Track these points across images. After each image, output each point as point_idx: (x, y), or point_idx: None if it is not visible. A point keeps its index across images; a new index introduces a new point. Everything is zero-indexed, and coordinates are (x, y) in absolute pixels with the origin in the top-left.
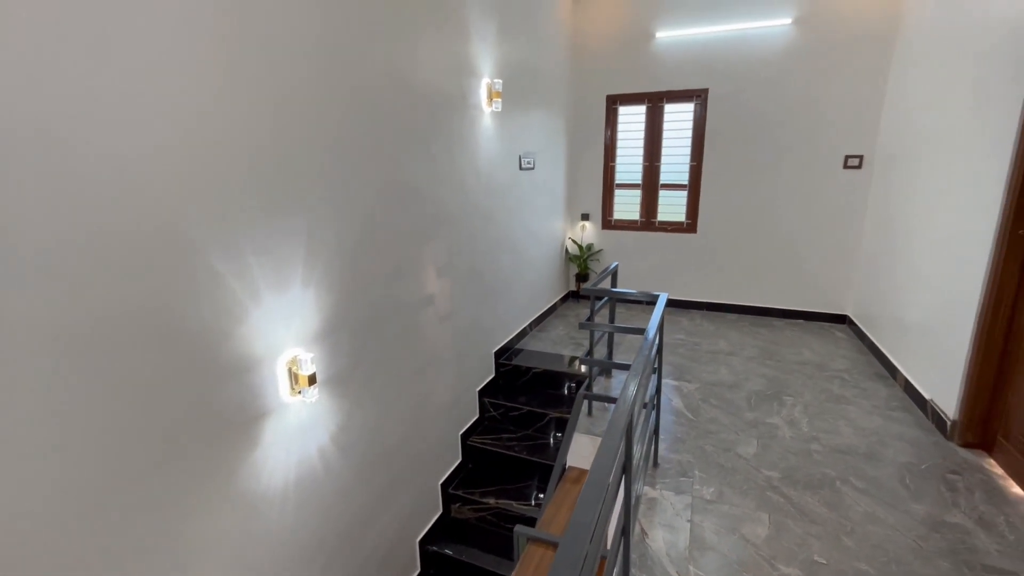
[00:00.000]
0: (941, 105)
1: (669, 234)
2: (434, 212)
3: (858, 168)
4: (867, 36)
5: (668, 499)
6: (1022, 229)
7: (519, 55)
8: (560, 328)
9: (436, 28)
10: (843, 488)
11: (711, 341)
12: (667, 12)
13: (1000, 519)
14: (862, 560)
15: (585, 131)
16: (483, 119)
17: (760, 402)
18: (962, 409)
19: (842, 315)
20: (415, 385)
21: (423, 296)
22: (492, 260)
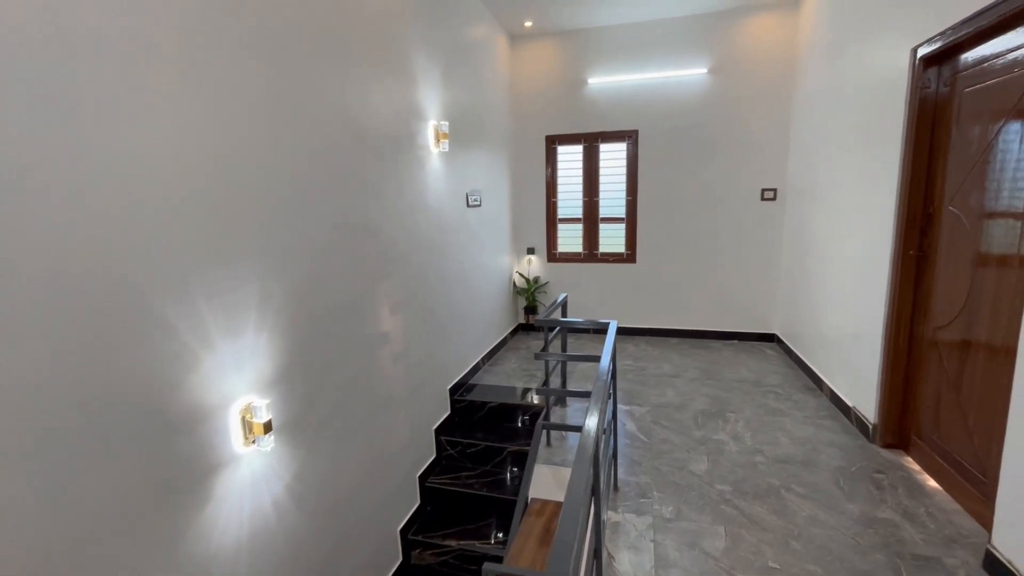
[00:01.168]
0: (836, 146)
1: (611, 265)
2: (387, 251)
3: (773, 200)
4: (770, 85)
5: (631, 521)
6: (912, 250)
7: (463, 98)
8: (512, 361)
9: (384, 74)
10: (787, 495)
11: (656, 365)
12: (597, 61)
13: (921, 511)
14: (810, 561)
15: (527, 169)
16: (431, 159)
17: (706, 420)
18: (880, 414)
19: (771, 334)
20: (371, 427)
21: (377, 335)
22: (444, 296)
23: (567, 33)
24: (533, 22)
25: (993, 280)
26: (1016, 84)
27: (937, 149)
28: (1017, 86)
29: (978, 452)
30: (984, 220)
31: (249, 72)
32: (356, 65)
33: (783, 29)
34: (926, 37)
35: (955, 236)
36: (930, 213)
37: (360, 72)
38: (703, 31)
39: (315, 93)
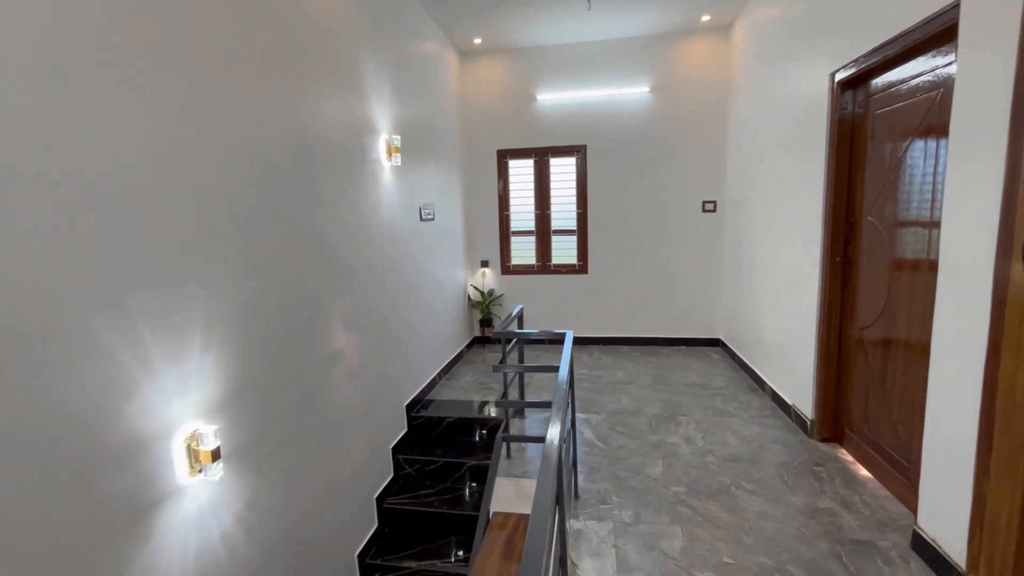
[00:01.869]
0: (768, 161)
1: (564, 276)
2: (340, 266)
3: (714, 212)
4: (708, 104)
5: (592, 528)
6: (838, 257)
7: (414, 113)
8: (469, 375)
9: (335, 89)
10: (737, 492)
11: (611, 373)
12: (545, 78)
13: (856, 499)
14: (760, 554)
15: (480, 183)
16: (384, 173)
17: (660, 424)
18: (816, 410)
19: (716, 339)
20: (327, 449)
21: (331, 353)
22: (399, 311)
23: (516, 51)
24: (482, 39)
25: (908, 283)
26: (919, 107)
27: (856, 164)
28: (920, 109)
29: (902, 441)
30: (898, 228)
31: (194, 85)
32: (306, 80)
33: (717, 52)
34: (842, 63)
35: (874, 243)
36: (852, 223)
37: (310, 87)
38: (644, 52)
39: (264, 107)
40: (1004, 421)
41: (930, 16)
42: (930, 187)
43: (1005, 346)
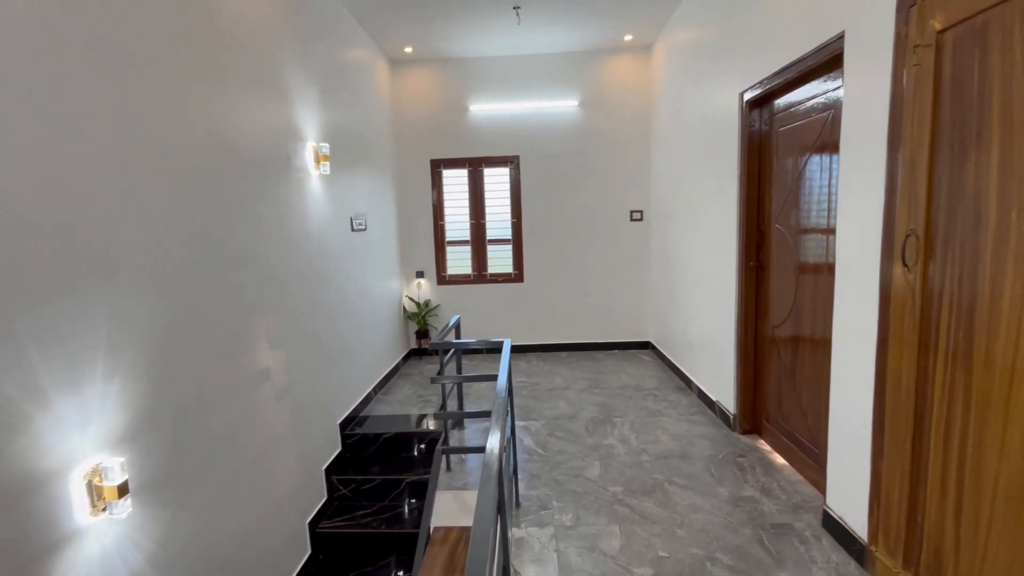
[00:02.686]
0: (688, 173)
1: (500, 285)
2: (264, 279)
3: (641, 221)
4: (633, 118)
5: (534, 535)
6: (751, 262)
7: (344, 120)
8: (406, 388)
9: (257, 93)
10: (670, 488)
11: (548, 379)
12: (478, 89)
13: (775, 485)
14: (693, 545)
15: (413, 192)
16: (311, 182)
17: (596, 427)
18: (737, 405)
19: (646, 342)
20: (252, 475)
21: (257, 372)
22: (330, 325)
23: (448, 61)
24: (413, 48)
25: (811, 284)
26: (814, 126)
27: (764, 176)
28: (815, 128)
29: (811, 429)
30: (801, 235)
31: (99, 87)
32: (225, 83)
33: (640, 70)
34: (749, 84)
35: (782, 249)
36: (762, 230)
37: (230, 90)
38: (573, 68)
39: (178, 110)
40: (892, 407)
41: (820, 45)
42: (826, 198)
43: (891, 339)
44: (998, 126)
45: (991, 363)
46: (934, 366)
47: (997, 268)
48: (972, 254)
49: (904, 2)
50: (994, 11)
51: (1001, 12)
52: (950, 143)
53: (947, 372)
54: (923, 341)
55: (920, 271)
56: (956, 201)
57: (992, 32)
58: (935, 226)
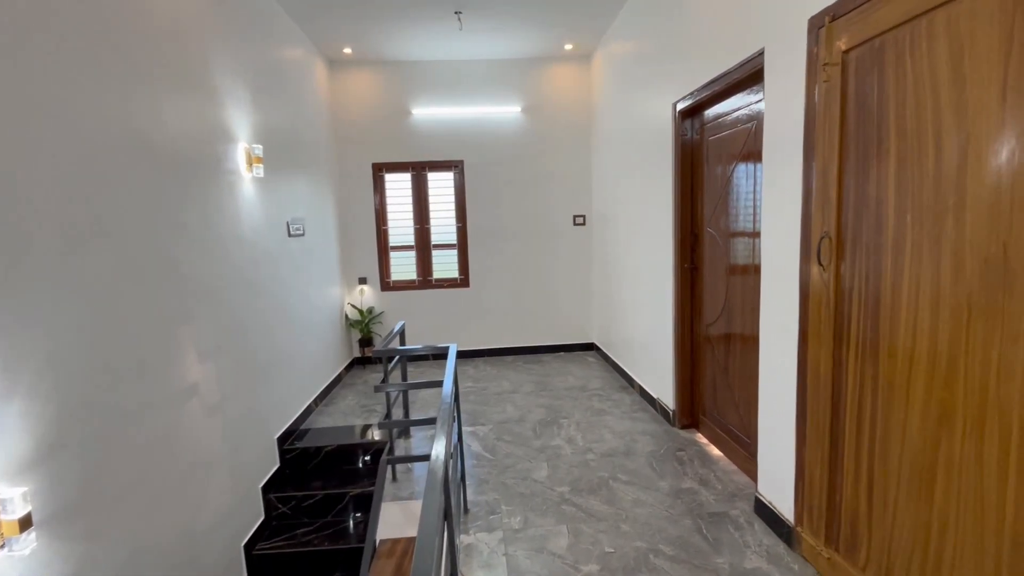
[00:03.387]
0: (627, 179)
1: (446, 290)
2: (192, 288)
3: (583, 225)
4: (573, 125)
5: (482, 540)
6: (686, 264)
7: (279, 121)
8: (349, 398)
9: (181, 91)
10: (615, 485)
11: (496, 383)
12: (421, 92)
13: (712, 476)
14: (637, 539)
15: (355, 197)
16: (243, 185)
17: (543, 429)
18: (676, 401)
19: (590, 343)
20: (180, 498)
21: (184, 387)
22: (266, 335)
23: (389, 63)
24: (352, 49)
25: (740, 284)
26: (740, 136)
27: (696, 183)
28: (741, 137)
29: (744, 421)
30: (731, 238)
31: None
32: (145, 80)
33: (580, 78)
34: (681, 95)
35: (714, 251)
36: (696, 233)
37: (150, 87)
38: (515, 74)
39: (89, 107)
40: (813, 397)
41: (743, 60)
42: (752, 203)
43: (810, 334)
44: (894, 138)
45: (894, 353)
46: (847, 357)
47: (896, 267)
48: (876, 254)
49: (814, 23)
50: (888, 35)
51: (894, 36)
52: (856, 154)
53: (858, 363)
54: (837, 335)
55: (833, 270)
56: (862, 206)
57: (887, 53)
58: (845, 229)
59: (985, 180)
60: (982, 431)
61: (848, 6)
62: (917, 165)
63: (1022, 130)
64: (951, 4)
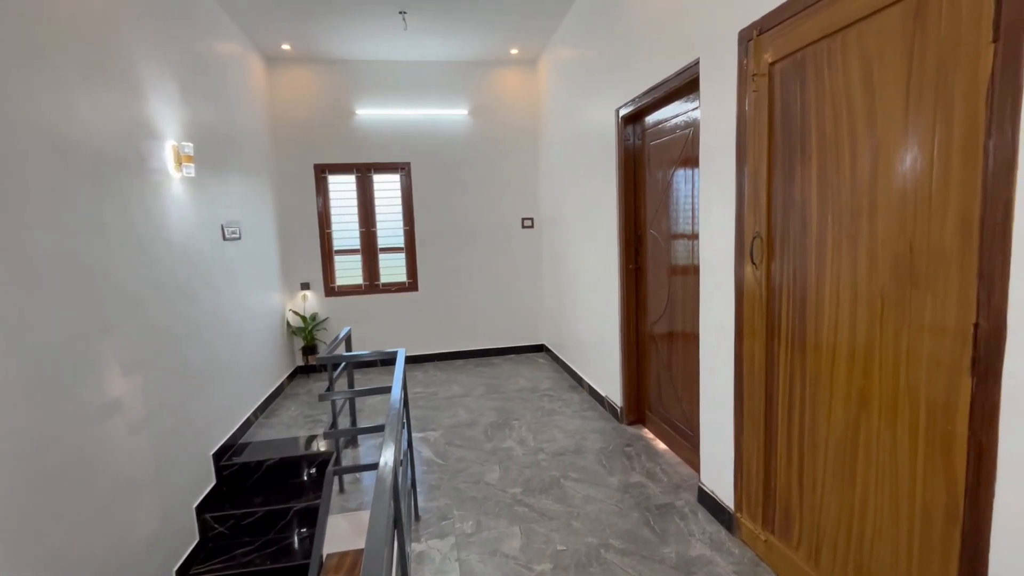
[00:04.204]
0: (574, 182)
1: (394, 294)
2: (113, 295)
3: (532, 228)
4: (521, 129)
5: (434, 547)
6: (631, 265)
7: (212, 119)
8: (292, 409)
9: (98, 84)
10: (566, 483)
11: (446, 388)
12: (365, 92)
13: (658, 469)
14: (588, 535)
15: (296, 199)
16: (171, 185)
17: (495, 431)
18: (624, 398)
19: (540, 345)
20: (100, 526)
21: (105, 403)
22: (199, 345)
23: (332, 62)
24: (292, 46)
25: (681, 284)
26: (678, 142)
27: (639, 186)
28: (679, 143)
29: (686, 414)
30: (672, 240)
31: None
32: (53, 71)
33: (527, 82)
34: (623, 101)
35: (656, 252)
36: (639, 235)
37: (60, 79)
38: (462, 77)
39: None
40: (748, 389)
41: (680, 69)
42: (690, 206)
43: (745, 330)
44: (816, 145)
45: (819, 346)
46: (779, 351)
47: (819, 265)
48: (801, 253)
49: (744, 36)
50: (809, 49)
51: (814, 50)
52: (783, 159)
53: (788, 355)
54: (770, 329)
55: (765, 269)
56: (789, 208)
57: (808, 66)
58: (774, 230)
59: (893, 184)
60: (895, 414)
61: (773, 21)
62: (836, 170)
63: (923, 138)
64: (861, 22)
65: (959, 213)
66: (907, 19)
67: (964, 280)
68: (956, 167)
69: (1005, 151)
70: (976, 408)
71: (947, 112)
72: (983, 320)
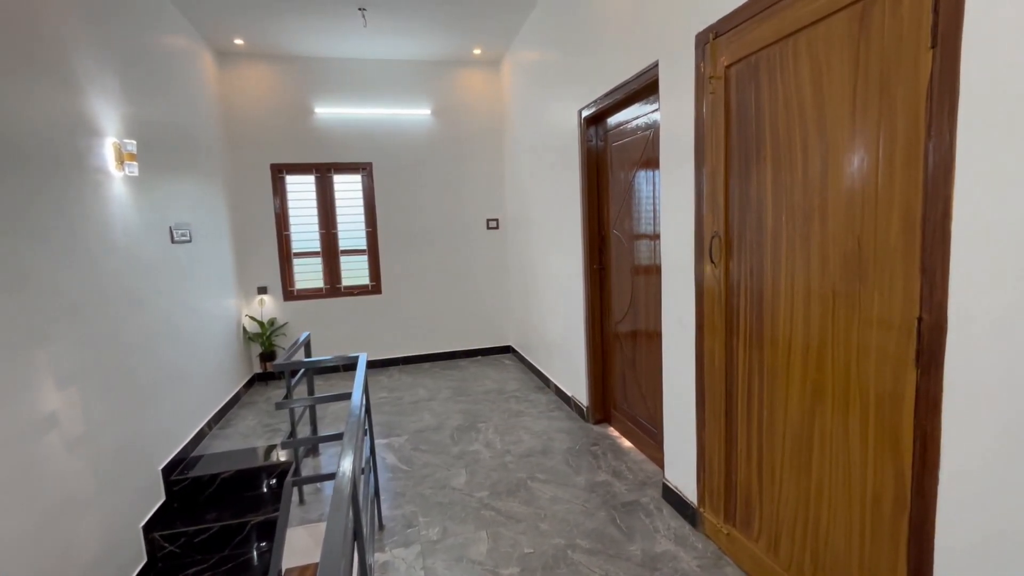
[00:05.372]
0: (538, 183)
1: (356, 297)
2: (46, 304)
3: (497, 229)
4: (485, 130)
5: (399, 557)
6: (595, 265)
7: (157, 116)
8: (249, 418)
9: (28, 75)
10: (533, 484)
11: (412, 392)
12: (324, 91)
13: (623, 467)
14: (555, 536)
15: (251, 200)
16: (113, 185)
17: (461, 435)
18: (589, 397)
19: (507, 346)
20: (34, 552)
21: (36, 420)
22: (146, 354)
23: (288, 58)
24: (244, 41)
25: (644, 283)
26: (639, 143)
27: (602, 187)
28: (640, 145)
29: (651, 412)
30: (634, 240)
31: None
32: None
33: (490, 83)
34: (585, 103)
35: (620, 253)
36: (603, 236)
37: None
38: (425, 76)
39: None
40: (709, 384)
41: (640, 71)
42: (652, 206)
43: (705, 327)
44: (770, 146)
45: (775, 341)
46: (737, 347)
47: (774, 263)
48: (758, 251)
49: (700, 40)
50: (762, 53)
51: (767, 54)
52: (739, 160)
53: (746, 351)
54: (729, 326)
55: (723, 267)
56: (745, 207)
57: (762, 70)
58: (732, 229)
59: (842, 184)
60: (847, 405)
61: (728, 25)
62: (789, 170)
63: (869, 140)
64: (810, 28)
65: (903, 211)
66: (852, 25)
67: (908, 275)
68: (899, 167)
69: (943, 152)
70: (921, 399)
71: (891, 115)
72: (925, 314)
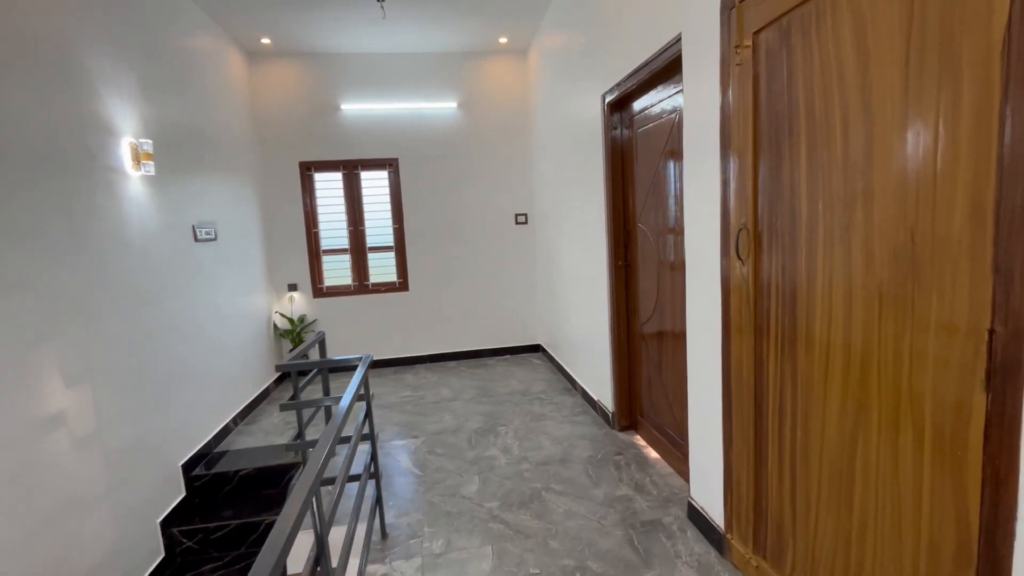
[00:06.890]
0: (564, 176)
1: (384, 295)
2: (51, 303)
3: (525, 224)
4: (511, 121)
5: (399, 570)
6: (620, 261)
7: (179, 116)
8: (276, 415)
9: (35, 76)
10: (547, 496)
11: (435, 391)
12: (350, 87)
13: (647, 481)
14: (565, 556)
15: (281, 198)
16: (128, 184)
17: (479, 439)
18: (615, 402)
19: (536, 345)
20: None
21: (41, 419)
22: (164, 352)
23: (314, 55)
24: (271, 39)
25: (670, 281)
26: (664, 128)
27: (627, 179)
28: (665, 131)
29: (677, 420)
30: (660, 234)
31: None
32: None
33: (517, 73)
34: (608, 87)
35: (645, 248)
36: (628, 230)
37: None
38: (450, 69)
39: None
40: (737, 395)
41: (663, 47)
42: (677, 198)
43: (732, 329)
44: (804, 122)
45: (811, 346)
46: (767, 353)
47: (810, 257)
48: (791, 245)
49: (726, 4)
50: (795, 12)
51: (800, 13)
52: (769, 140)
53: (778, 358)
54: (758, 329)
55: (752, 263)
56: (776, 195)
57: (795, 33)
58: (761, 221)
59: (891, 164)
60: (896, 428)
61: None
62: (826, 150)
63: (923, 110)
64: None
65: (969, 197)
66: None
67: (976, 276)
68: (965, 142)
69: None
70: (992, 429)
71: (954, 76)
72: (999, 324)
